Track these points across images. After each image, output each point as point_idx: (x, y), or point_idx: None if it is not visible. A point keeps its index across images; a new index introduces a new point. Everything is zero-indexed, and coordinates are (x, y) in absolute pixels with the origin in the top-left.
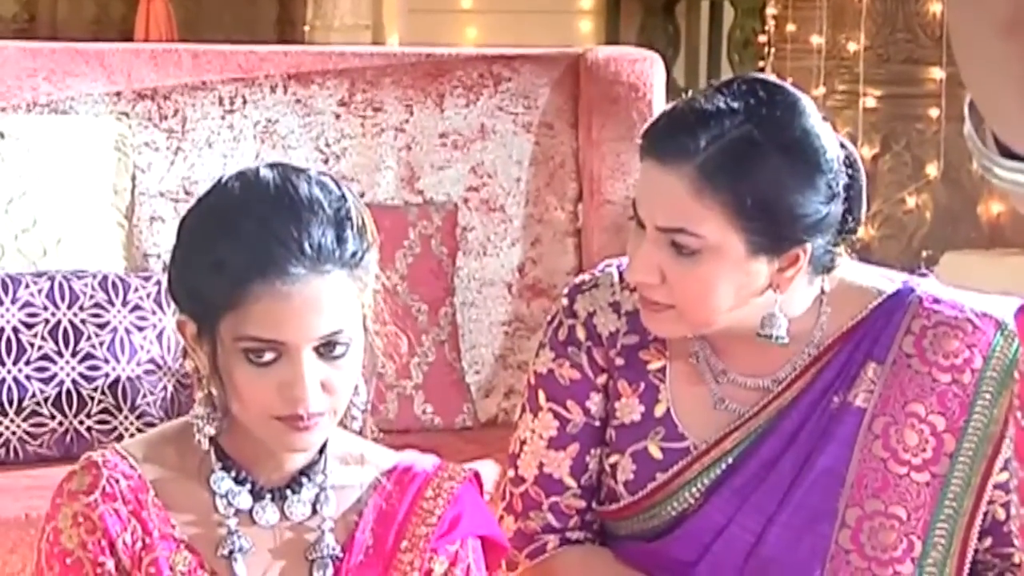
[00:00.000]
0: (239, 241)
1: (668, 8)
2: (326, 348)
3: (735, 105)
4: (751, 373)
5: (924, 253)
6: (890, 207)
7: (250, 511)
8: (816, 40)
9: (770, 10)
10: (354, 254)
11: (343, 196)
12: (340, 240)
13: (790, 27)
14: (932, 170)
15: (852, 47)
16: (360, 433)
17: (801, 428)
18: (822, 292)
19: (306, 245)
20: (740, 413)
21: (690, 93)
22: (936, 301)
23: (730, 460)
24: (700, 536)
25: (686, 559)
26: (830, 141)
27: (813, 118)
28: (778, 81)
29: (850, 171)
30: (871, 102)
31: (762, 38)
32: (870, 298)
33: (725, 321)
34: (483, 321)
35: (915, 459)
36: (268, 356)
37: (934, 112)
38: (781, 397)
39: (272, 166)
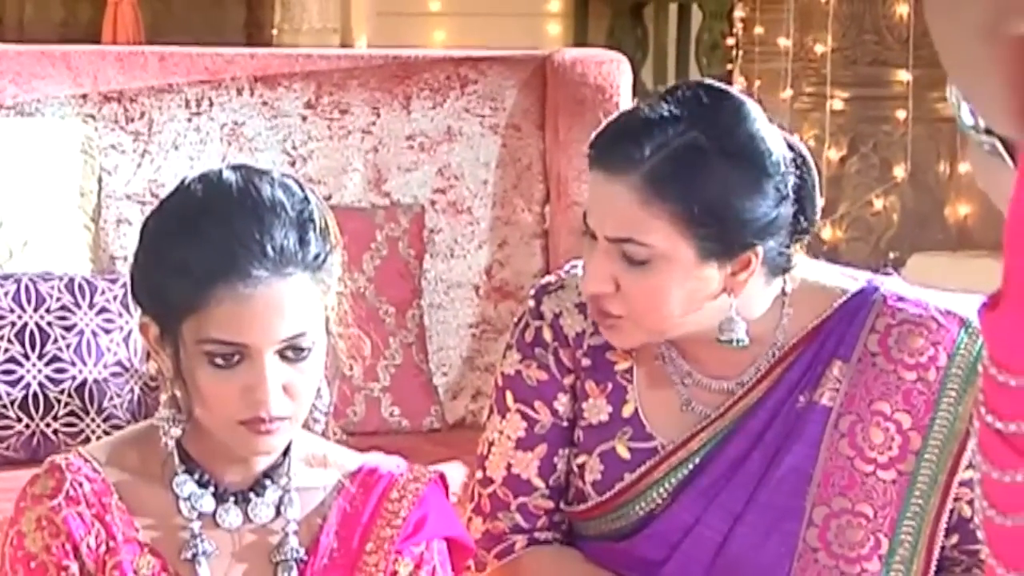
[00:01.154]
0: (201, 243)
1: (636, 11)
2: (288, 351)
3: (679, 112)
4: (716, 376)
5: (891, 255)
6: (857, 209)
7: (213, 514)
8: (783, 42)
9: (738, 12)
10: (316, 256)
11: (306, 198)
12: (302, 242)
13: (758, 29)
14: (899, 172)
15: (819, 49)
16: (323, 435)
17: (767, 428)
18: (783, 293)
19: (268, 247)
20: (706, 414)
21: (636, 101)
22: (900, 299)
23: (697, 460)
24: (668, 535)
25: (654, 558)
26: (776, 143)
27: (759, 122)
28: (722, 86)
29: (800, 171)
30: (838, 104)
31: (730, 40)
32: (834, 297)
33: (680, 327)
34: (450, 323)
35: (881, 457)
36: (230, 359)
37: (901, 114)
38: (747, 397)
39: (235, 168)
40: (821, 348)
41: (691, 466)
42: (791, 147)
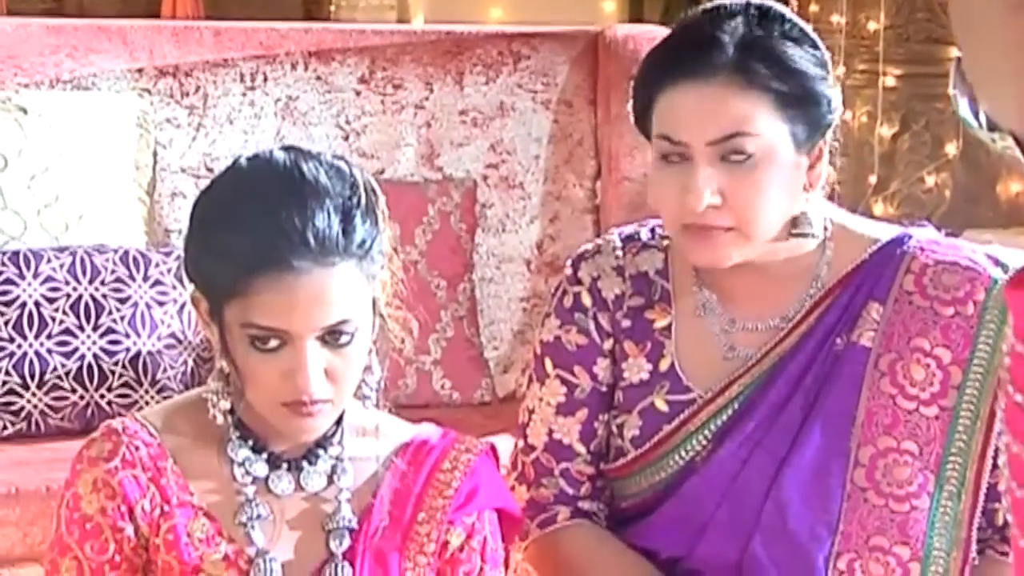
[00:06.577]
0: (243, 231)
1: None
2: (330, 337)
3: (735, 11)
4: (758, 315)
5: (942, 232)
6: (909, 186)
7: (266, 480)
8: (837, 19)
9: None
10: (362, 244)
11: (354, 183)
12: (347, 231)
13: (812, 7)
14: (951, 149)
15: (872, 26)
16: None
17: (807, 371)
18: (825, 231)
19: (310, 237)
20: (747, 356)
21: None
22: (935, 243)
23: (736, 407)
24: (715, 484)
25: (703, 511)
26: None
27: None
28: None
29: None
30: (891, 81)
31: None
32: (869, 243)
33: (774, 232)
34: (502, 297)
35: (923, 393)
36: (272, 343)
37: (953, 91)
38: (784, 342)
39: (286, 149)
40: (857, 291)
41: (730, 412)
42: None
